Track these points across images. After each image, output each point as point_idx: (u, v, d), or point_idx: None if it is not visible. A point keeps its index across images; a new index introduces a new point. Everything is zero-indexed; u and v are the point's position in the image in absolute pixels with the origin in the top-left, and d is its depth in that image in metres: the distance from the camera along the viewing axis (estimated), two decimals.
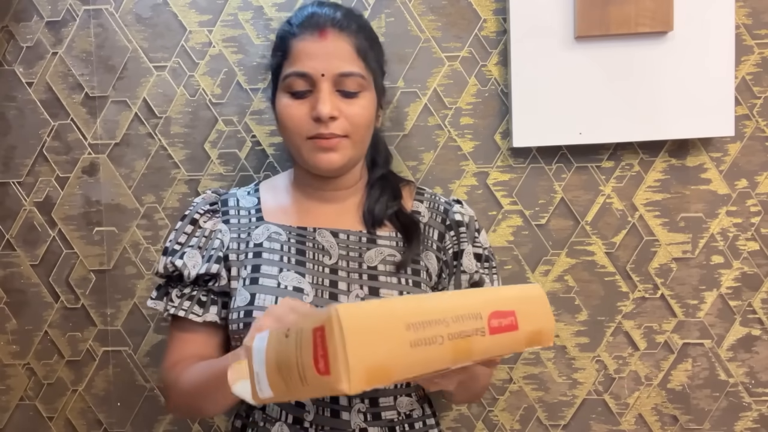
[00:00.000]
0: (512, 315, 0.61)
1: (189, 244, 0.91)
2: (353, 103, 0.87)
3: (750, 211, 1.12)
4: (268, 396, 0.56)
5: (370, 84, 0.89)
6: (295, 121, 0.87)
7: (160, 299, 0.93)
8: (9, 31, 1.16)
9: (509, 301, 0.62)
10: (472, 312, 0.58)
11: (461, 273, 0.95)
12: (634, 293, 1.13)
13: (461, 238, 0.95)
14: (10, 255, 1.18)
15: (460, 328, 0.56)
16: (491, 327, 0.59)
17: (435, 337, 0.53)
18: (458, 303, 0.58)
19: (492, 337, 0.59)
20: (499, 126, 1.13)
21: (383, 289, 0.88)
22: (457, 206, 0.98)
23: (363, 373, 0.48)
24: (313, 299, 0.86)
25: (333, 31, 0.86)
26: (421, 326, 0.53)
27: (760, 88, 1.11)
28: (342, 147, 0.87)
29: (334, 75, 0.85)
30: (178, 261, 0.90)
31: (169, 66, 1.14)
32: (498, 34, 1.12)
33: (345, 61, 0.85)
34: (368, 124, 0.89)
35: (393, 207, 0.93)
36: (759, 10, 1.10)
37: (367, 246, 0.91)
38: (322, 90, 0.85)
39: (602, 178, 1.13)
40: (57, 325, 1.18)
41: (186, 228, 0.93)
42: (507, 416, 1.15)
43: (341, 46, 0.86)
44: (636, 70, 1.06)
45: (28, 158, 1.17)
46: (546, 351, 1.14)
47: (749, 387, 1.14)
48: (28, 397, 1.19)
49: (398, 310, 0.53)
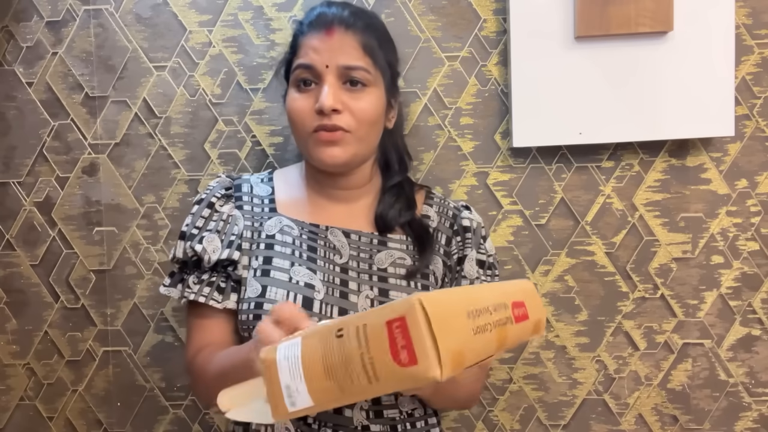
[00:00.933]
0: (524, 306, 0.64)
1: (207, 228, 0.91)
2: (358, 97, 0.87)
3: (750, 211, 1.12)
4: (305, 407, 0.54)
5: (378, 81, 0.89)
6: (300, 113, 0.88)
7: (174, 286, 0.92)
8: (9, 31, 1.16)
9: (518, 293, 0.65)
10: (502, 302, 0.60)
11: (461, 278, 0.95)
12: (634, 293, 1.13)
13: (466, 244, 0.95)
14: (10, 255, 1.18)
15: (499, 317, 0.58)
16: (515, 316, 0.61)
17: (486, 324, 0.55)
18: (490, 293, 0.61)
19: (517, 326, 0.61)
20: (499, 126, 1.13)
21: (393, 291, 0.88)
22: (466, 212, 0.98)
23: (450, 359, 0.49)
24: (323, 296, 0.86)
25: (339, 29, 0.87)
26: (477, 314, 0.55)
27: (760, 88, 1.11)
28: (345, 142, 0.87)
29: (338, 67, 0.86)
30: (198, 246, 0.89)
31: (169, 66, 1.14)
32: (498, 34, 1.12)
33: (350, 55, 0.87)
34: (373, 121, 0.89)
35: (406, 216, 0.93)
36: (759, 10, 1.10)
37: (378, 248, 0.91)
38: (327, 82, 0.86)
39: (602, 178, 1.13)
40: (57, 325, 1.18)
41: (203, 212, 0.92)
42: (507, 416, 1.15)
43: (347, 42, 0.87)
44: (636, 70, 1.06)
45: (28, 158, 1.17)
46: (546, 351, 1.14)
47: (749, 387, 1.14)
48: (28, 397, 1.19)
49: (458, 298, 0.55)
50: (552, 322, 1.14)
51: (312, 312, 0.86)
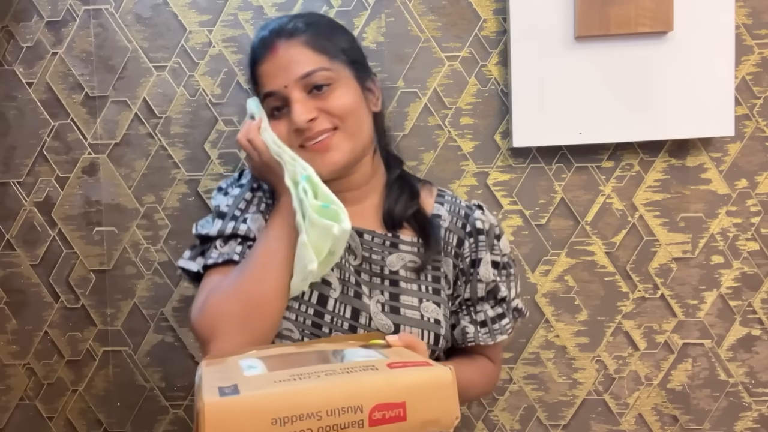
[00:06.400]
0: (401, 406, 0.59)
1: (249, 210, 0.90)
2: (329, 96, 0.86)
3: (750, 211, 1.12)
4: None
5: (341, 72, 0.88)
6: (282, 137, 0.87)
7: (193, 259, 0.90)
8: (9, 31, 1.16)
9: (401, 391, 0.59)
10: (352, 404, 0.57)
11: (477, 282, 0.93)
12: (634, 293, 1.13)
13: (480, 247, 0.93)
14: (10, 255, 1.18)
15: (335, 422, 0.56)
16: (372, 419, 0.58)
17: (305, 430, 0.56)
18: (339, 393, 0.58)
19: (372, 428, 0.58)
20: (499, 126, 1.13)
21: (403, 296, 0.88)
22: (478, 212, 0.95)
23: None
24: (338, 295, 0.86)
25: (282, 43, 0.87)
26: (289, 420, 0.55)
27: (760, 88, 1.11)
28: (336, 143, 0.86)
29: (295, 80, 0.85)
30: (242, 226, 0.88)
31: (169, 66, 1.14)
32: (498, 34, 1.12)
33: (302, 63, 0.86)
34: (355, 110, 0.88)
35: (411, 207, 0.93)
36: (759, 10, 1.10)
37: (390, 250, 0.91)
38: (293, 99, 0.85)
39: (602, 178, 1.13)
40: (57, 325, 1.18)
41: (246, 195, 0.92)
42: (507, 416, 1.15)
43: (294, 51, 0.86)
44: (636, 70, 1.06)
45: (28, 158, 1.17)
46: (546, 351, 1.14)
47: (749, 387, 1.14)
48: (28, 397, 1.19)
49: (267, 404, 0.56)
50: (552, 322, 1.14)
51: (326, 309, 0.86)
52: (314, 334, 0.85)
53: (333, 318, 0.86)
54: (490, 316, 0.93)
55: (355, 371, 0.60)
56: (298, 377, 0.59)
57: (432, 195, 0.97)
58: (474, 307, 0.93)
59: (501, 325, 0.94)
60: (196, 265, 0.89)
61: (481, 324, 0.93)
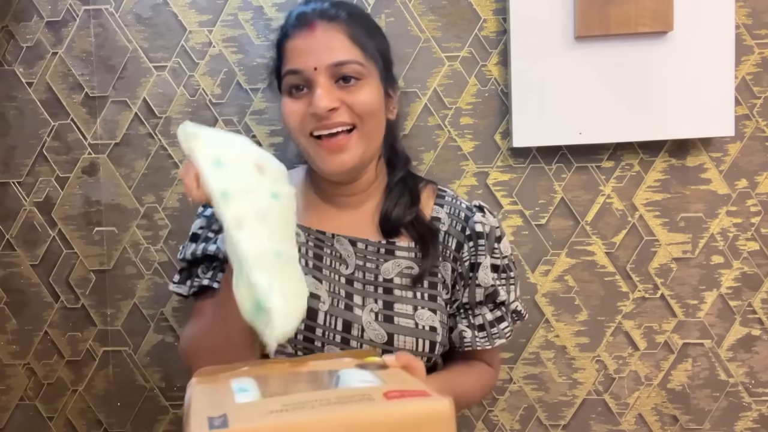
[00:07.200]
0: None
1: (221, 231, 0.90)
2: (355, 91, 0.84)
3: (750, 211, 1.12)
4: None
5: (371, 72, 0.86)
6: (295, 117, 0.85)
7: (183, 283, 0.92)
8: (9, 31, 1.16)
9: (398, 426, 0.57)
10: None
11: (476, 286, 0.91)
12: (634, 293, 1.13)
13: (479, 251, 0.91)
14: (10, 255, 1.18)
15: None
16: None
17: None
18: (333, 429, 0.55)
19: None
20: (499, 126, 1.13)
21: (398, 304, 0.87)
22: (479, 215, 0.93)
23: None
24: (328, 308, 0.85)
25: (322, 23, 0.84)
26: None
27: (760, 88, 1.11)
28: (351, 145, 0.84)
29: (327, 66, 0.83)
30: (211, 247, 0.88)
31: (169, 66, 1.14)
32: (498, 34, 1.12)
33: (338, 50, 0.83)
34: (375, 113, 0.86)
35: (410, 214, 0.90)
36: (759, 10, 1.10)
37: (385, 257, 0.89)
38: (318, 83, 0.83)
39: (602, 178, 1.13)
40: (57, 325, 1.18)
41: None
42: (507, 416, 1.15)
43: (332, 35, 0.84)
44: (636, 70, 1.06)
45: (28, 158, 1.17)
46: (546, 351, 1.14)
47: (749, 387, 1.14)
48: (28, 397, 1.19)
49: None
50: (552, 322, 1.14)
51: (316, 323, 0.84)
52: (307, 348, 0.84)
53: (324, 331, 0.84)
54: (488, 320, 0.92)
55: (350, 403, 0.59)
56: (291, 408, 0.57)
57: (432, 196, 0.95)
58: (472, 311, 0.92)
59: (499, 328, 0.93)
60: (186, 289, 0.91)
61: (479, 328, 0.92)
